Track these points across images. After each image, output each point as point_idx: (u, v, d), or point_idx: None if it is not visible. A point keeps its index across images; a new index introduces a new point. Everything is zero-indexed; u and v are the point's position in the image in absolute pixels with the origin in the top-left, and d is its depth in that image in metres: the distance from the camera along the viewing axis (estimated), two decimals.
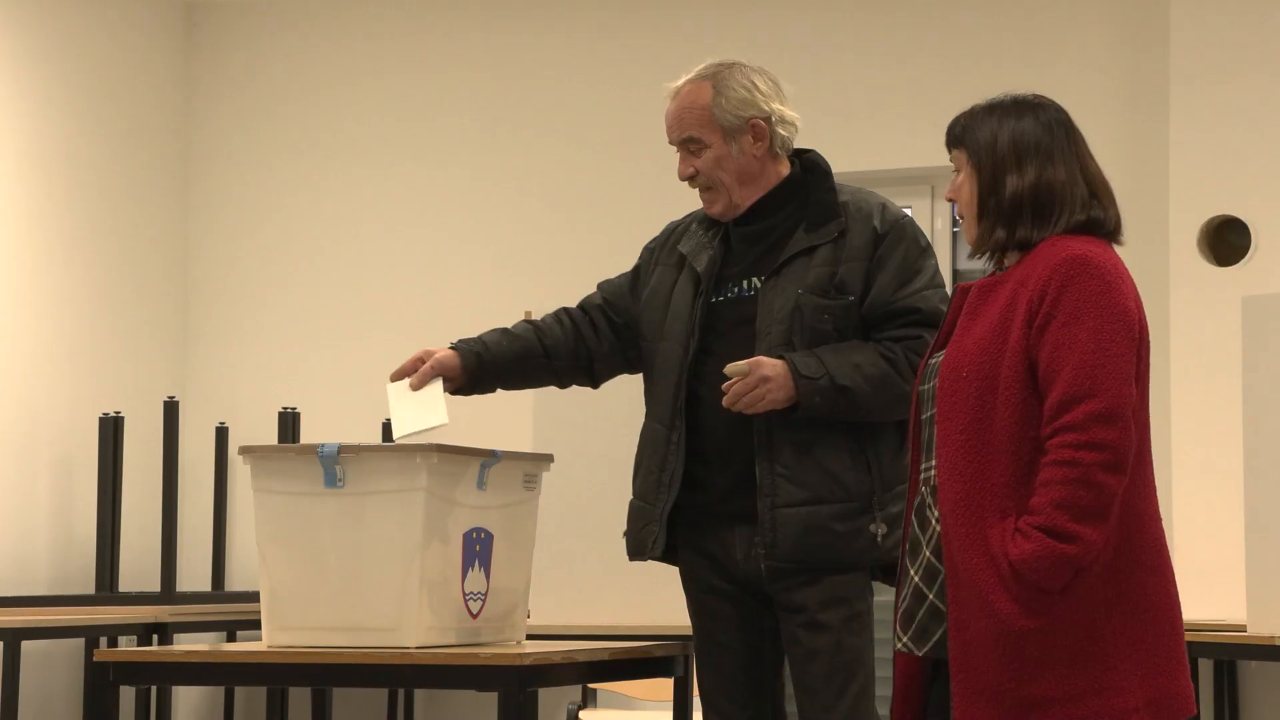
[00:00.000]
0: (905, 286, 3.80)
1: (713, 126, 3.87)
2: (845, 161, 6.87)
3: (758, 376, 3.70)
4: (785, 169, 3.92)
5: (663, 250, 4.03)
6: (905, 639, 3.26)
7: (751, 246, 3.89)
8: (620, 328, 4.03)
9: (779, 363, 3.72)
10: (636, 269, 4.08)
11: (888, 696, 3.39)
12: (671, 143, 3.94)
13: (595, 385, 4.12)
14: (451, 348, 3.95)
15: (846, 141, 7.01)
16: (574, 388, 4.14)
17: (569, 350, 4.02)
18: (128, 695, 6.58)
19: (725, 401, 3.72)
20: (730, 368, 3.73)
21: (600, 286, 4.11)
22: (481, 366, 3.93)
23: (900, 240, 3.83)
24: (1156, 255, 6.62)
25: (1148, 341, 3.18)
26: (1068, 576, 3.07)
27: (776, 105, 3.90)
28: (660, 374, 3.91)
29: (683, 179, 3.94)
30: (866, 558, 3.77)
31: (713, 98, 3.86)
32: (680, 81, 3.92)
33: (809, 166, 3.94)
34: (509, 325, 4.04)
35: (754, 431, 3.77)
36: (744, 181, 3.88)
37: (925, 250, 3.86)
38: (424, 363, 3.91)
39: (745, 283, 3.87)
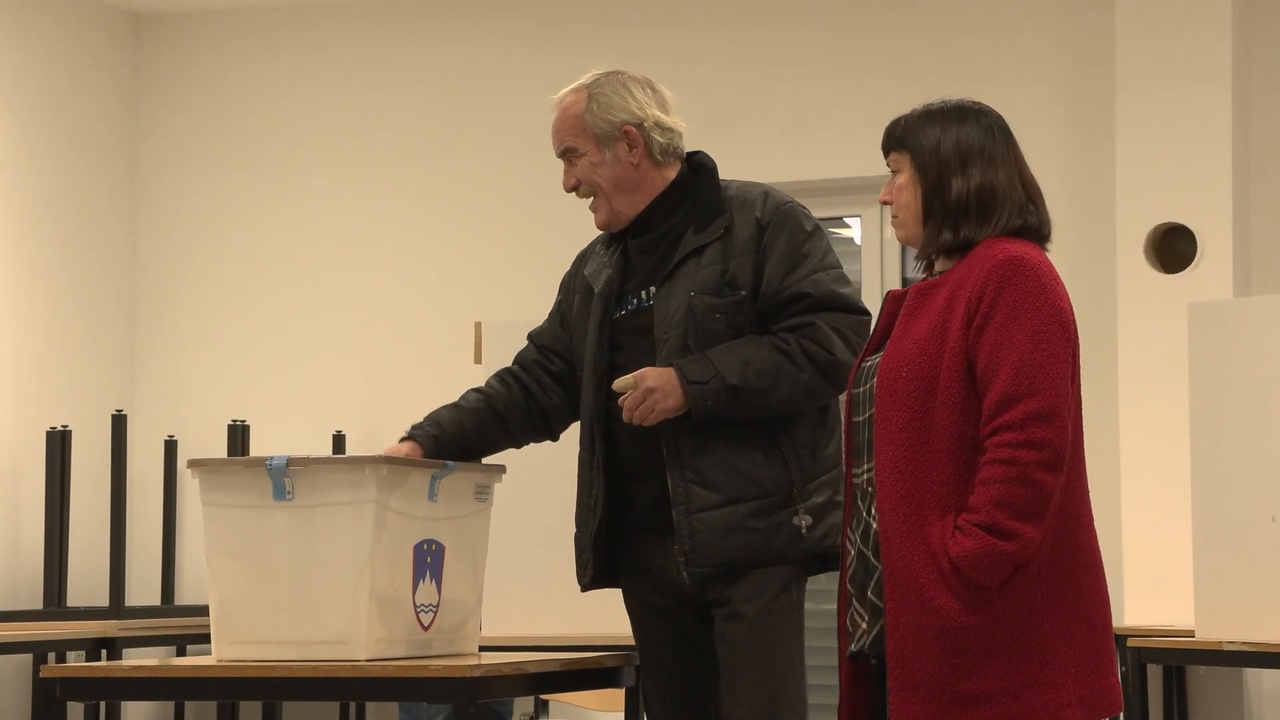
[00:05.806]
0: (793, 273, 3.75)
1: (586, 135, 3.85)
2: (795, 170, 6.93)
3: (643, 389, 3.69)
4: (672, 175, 3.87)
5: (575, 279, 4.00)
6: (854, 637, 3.27)
7: (647, 256, 3.86)
8: (561, 375, 3.99)
9: (665, 371, 3.70)
10: (559, 305, 4.04)
11: (833, 705, 3.39)
12: (557, 155, 3.92)
13: (555, 438, 4.07)
14: (408, 436, 3.90)
15: (796, 151, 7.03)
16: None
17: (523, 411, 3.97)
18: (76, 711, 6.54)
19: (624, 416, 3.71)
20: (617, 384, 3.73)
21: (531, 337, 4.06)
22: (440, 449, 3.88)
23: (783, 227, 3.78)
24: (1104, 263, 6.65)
25: (1079, 344, 3.21)
26: (1007, 573, 3.10)
27: (653, 112, 3.85)
28: (583, 400, 3.90)
29: (567, 190, 3.93)
30: (792, 551, 3.72)
31: (586, 105, 3.85)
32: (562, 92, 3.91)
33: (696, 168, 3.90)
34: (458, 399, 3.98)
35: (662, 441, 3.75)
36: (622, 189, 3.85)
37: (812, 234, 3.79)
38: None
39: (644, 293, 3.84)
